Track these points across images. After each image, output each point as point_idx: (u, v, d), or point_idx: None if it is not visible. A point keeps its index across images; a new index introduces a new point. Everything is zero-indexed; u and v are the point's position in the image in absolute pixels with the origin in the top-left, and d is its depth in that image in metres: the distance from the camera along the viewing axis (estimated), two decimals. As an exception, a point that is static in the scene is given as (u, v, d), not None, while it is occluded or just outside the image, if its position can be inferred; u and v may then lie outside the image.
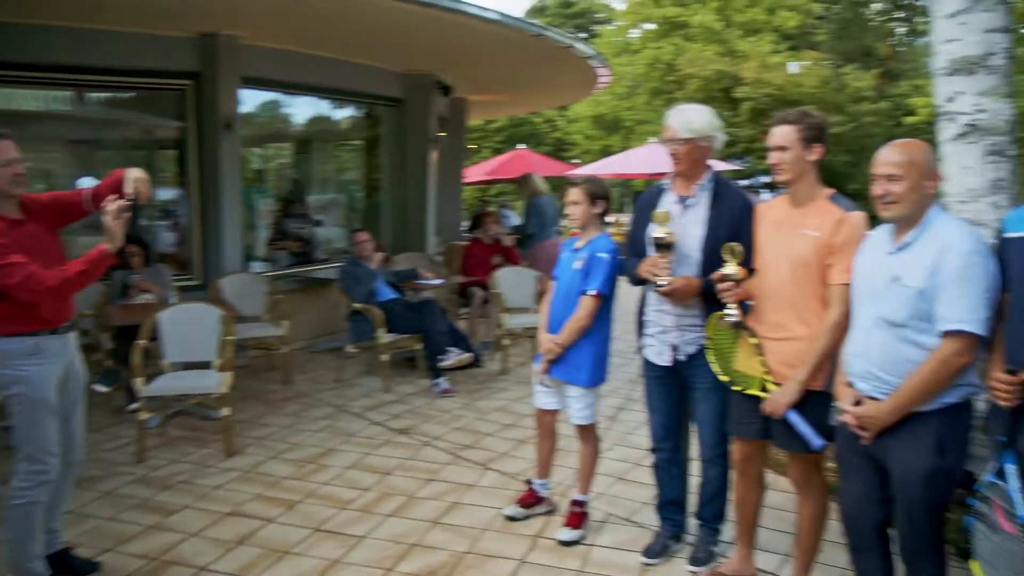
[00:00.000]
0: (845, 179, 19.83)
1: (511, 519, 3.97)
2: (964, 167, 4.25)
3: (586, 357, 3.74)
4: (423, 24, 6.90)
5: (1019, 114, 4.27)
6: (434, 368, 6.38)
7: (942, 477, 2.53)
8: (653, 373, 3.59)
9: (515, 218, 14.65)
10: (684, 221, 3.36)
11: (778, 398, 2.93)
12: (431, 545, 3.71)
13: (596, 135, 33.62)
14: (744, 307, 3.17)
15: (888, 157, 2.57)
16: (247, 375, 6.75)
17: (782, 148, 2.99)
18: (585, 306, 3.69)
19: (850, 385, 2.71)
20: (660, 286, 3.29)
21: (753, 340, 3.08)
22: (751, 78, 23.10)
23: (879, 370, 2.59)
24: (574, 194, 3.78)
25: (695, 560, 3.53)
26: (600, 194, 3.80)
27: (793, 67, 24.83)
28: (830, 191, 3.04)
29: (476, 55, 8.55)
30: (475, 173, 18.01)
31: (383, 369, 6.44)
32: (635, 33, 32.84)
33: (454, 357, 6.33)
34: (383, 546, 3.70)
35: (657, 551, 3.62)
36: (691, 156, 3.33)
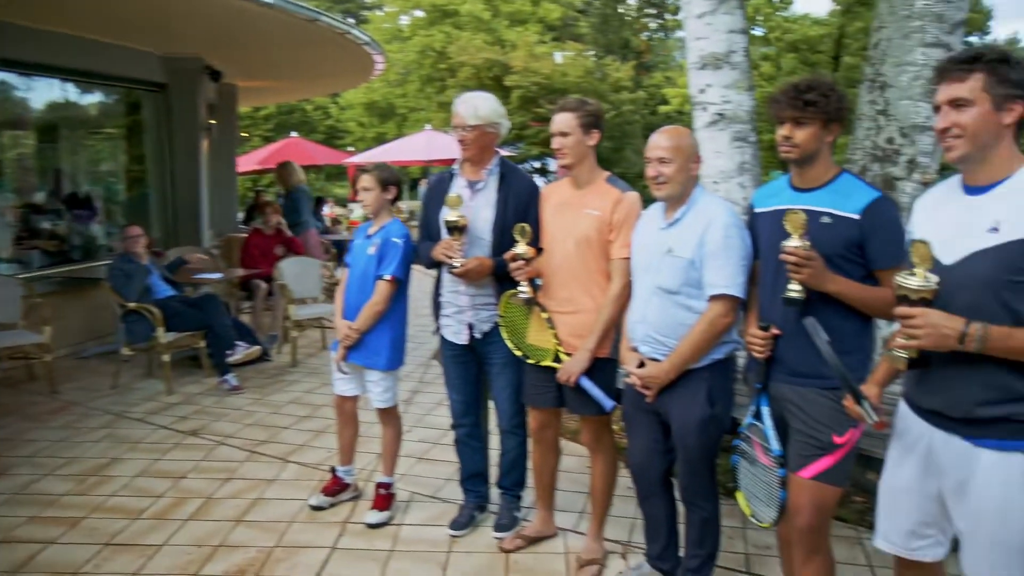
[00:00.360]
0: (609, 163, 21.14)
1: (317, 508, 3.96)
2: (716, 151, 4.76)
3: (384, 341, 3.80)
4: (188, 5, 6.54)
5: (758, 105, 4.84)
6: (221, 365, 6.14)
7: (713, 424, 2.87)
8: (451, 352, 3.71)
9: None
10: (474, 204, 3.51)
11: (571, 367, 3.16)
12: (237, 544, 3.62)
13: (370, 122, 33.34)
14: (534, 284, 3.38)
15: (659, 142, 2.86)
16: (3, 388, 6.13)
17: (563, 134, 3.21)
18: (381, 291, 3.75)
19: (634, 350, 2.99)
20: (454, 268, 3.42)
21: (544, 315, 3.29)
22: (520, 67, 23.88)
23: (658, 334, 2.88)
24: (366, 181, 3.81)
25: (500, 527, 3.72)
26: (391, 180, 3.86)
27: (559, 57, 26.03)
28: (607, 173, 3.32)
29: (247, 39, 8.23)
30: (246, 162, 17.30)
31: (164, 370, 6.09)
32: (405, 20, 32.89)
33: (242, 351, 6.13)
34: (185, 551, 3.55)
35: (464, 523, 3.77)
36: (479, 142, 3.48)
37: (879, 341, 2.99)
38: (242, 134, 20.03)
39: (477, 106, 3.46)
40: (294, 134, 20.20)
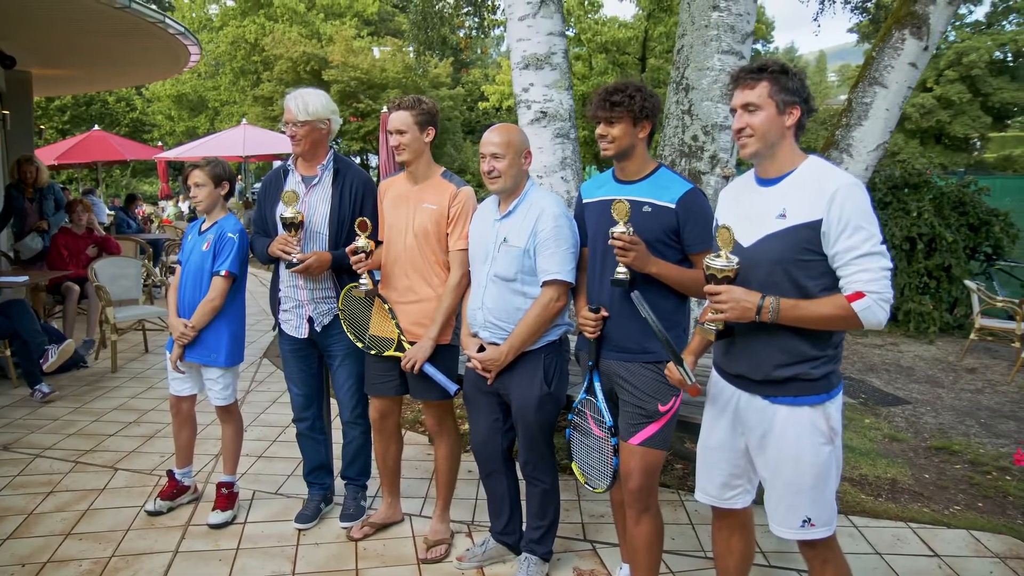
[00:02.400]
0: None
1: (155, 514, 3.84)
2: (539, 147, 5.01)
3: (223, 337, 3.75)
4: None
5: (577, 103, 5.14)
6: (31, 374, 5.73)
7: (551, 401, 3.09)
8: (291, 346, 3.72)
9: (103, 206, 13.40)
10: (309, 200, 3.54)
11: (415, 354, 3.27)
12: (68, 558, 3.44)
13: (179, 116, 31.64)
14: (373, 276, 3.46)
15: (492, 138, 3.03)
16: None
17: (400, 132, 3.31)
18: (217, 286, 3.69)
19: (474, 335, 3.15)
20: (293, 264, 3.44)
21: (386, 306, 3.38)
22: (338, 61, 23.49)
23: (496, 319, 3.06)
24: (198, 176, 3.73)
25: (346, 516, 3.77)
26: (224, 175, 3.80)
27: (377, 53, 25.82)
28: (442, 168, 3.45)
29: (46, 24, 7.65)
30: (44, 156, 15.98)
31: (-36, 383, 5.62)
32: (215, 9, 31.46)
33: (55, 354, 5.74)
34: (7, 572, 3.34)
35: (310, 516, 3.79)
36: (310, 137, 3.51)
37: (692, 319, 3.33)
38: (41, 126, 18.47)
39: (308, 102, 3.49)
40: (97, 127, 18.89)
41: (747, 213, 2.42)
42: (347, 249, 3.36)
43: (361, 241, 3.31)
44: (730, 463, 2.57)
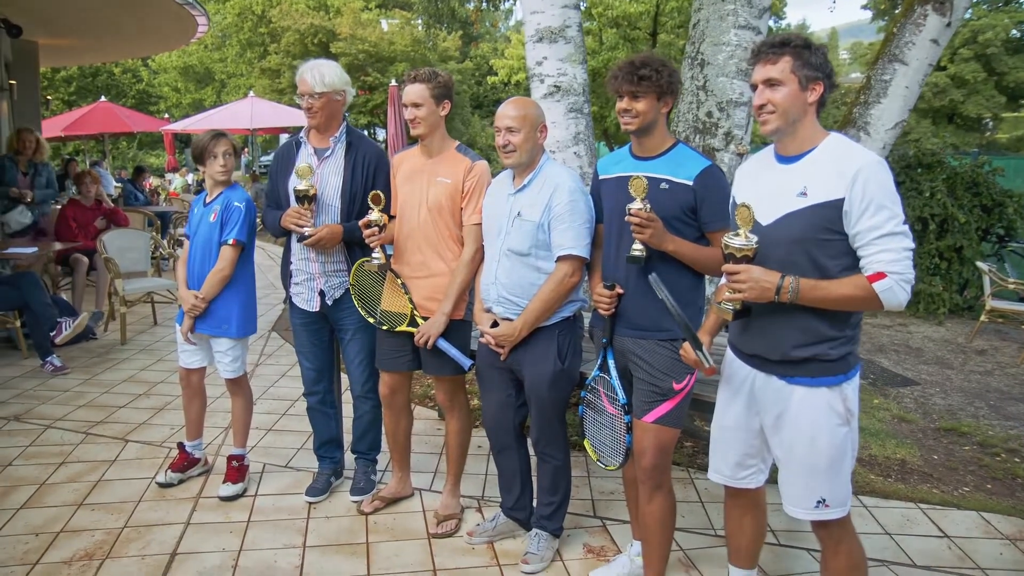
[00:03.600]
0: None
1: (166, 486, 3.86)
2: (552, 122, 4.95)
3: (233, 308, 3.74)
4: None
5: (592, 77, 5.08)
6: (42, 346, 5.75)
7: (564, 378, 3.07)
8: (302, 320, 3.71)
9: (110, 177, 13.38)
10: (322, 172, 3.52)
11: (428, 329, 3.26)
12: (81, 528, 3.46)
13: (186, 88, 31.53)
14: (385, 250, 3.44)
15: (508, 111, 2.99)
16: None
17: (416, 104, 3.27)
18: (225, 256, 3.68)
19: (487, 310, 3.14)
20: (305, 237, 3.42)
21: (398, 280, 3.36)
22: (346, 34, 23.36)
23: (509, 294, 3.04)
24: (227, 146, 3.72)
25: (357, 490, 3.78)
26: (239, 149, 3.78)
27: (385, 25, 25.65)
28: (456, 142, 3.42)
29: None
30: (51, 128, 15.97)
31: (-26, 354, 5.64)
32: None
33: (69, 328, 5.75)
34: (21, 541, 3.36)
35: (320, 489, 3.81)
36: (327, 110, 3.48)
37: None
38: (49, 96, 18.43)
39: (324, 73, 3.46)
40: (103, 98, 18.82)
41: (766, 191, 2.37)
42: (360, 223, 3.34)
43: (374, 215, 3.29)
44: (744, 443, 2.56)
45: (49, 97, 20.59)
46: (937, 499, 3.93)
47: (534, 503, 3.37)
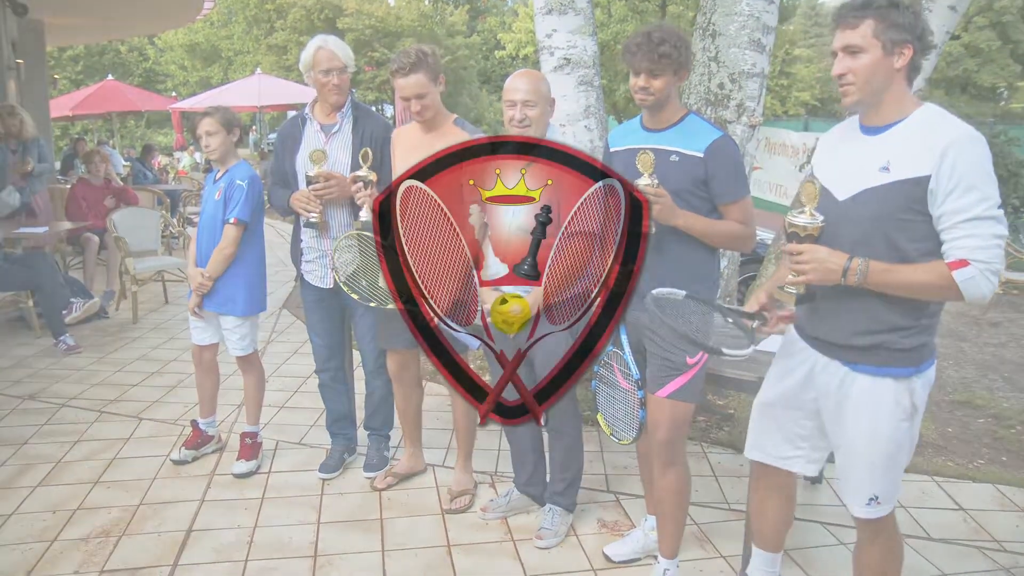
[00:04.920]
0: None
1: (180, 463, 3.88)
2: (562, 95, 4.89)
3: (239, 286, 3.73)
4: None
5: (601, 50, 5.01)
6: (55, 325, 5.77)
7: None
8: (314, 297, 3.70)
9: (119, 156, 13.36)
10: (330, 148, 3.48)
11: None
12: (97, 505, 3.49)
13: (192, 66, 31.41)
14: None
15: (521, 85, 2.95)
16: None
17: (420, 96, 3.19)
18: (228, 235, 3.67)
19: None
20: (312, 220, 3.40)
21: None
22: (353, 9, 23.21)
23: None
24: (209, 125, 3.66)
25: (370, 466, 3.79)
26: (235, 122, 3.75)
27: (391, 0, 25.46)
28: (453, 116, 3.38)
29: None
30: (59, 107, 15.96)
31: (-12, 333, 5.66)
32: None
33: (80, 308, 5.78)
34: (39, 518, 3.38)
35: (334, 466, 3.82)
36: (344, 85, 3.46)
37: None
38: (56, 75, 18.41)
39: (342, 47, 3.48)
40: (111, 77, 18.78)
41: (845, 164, 2.20)
42: (348, 177, 3.30)
43: (362, 171, 3.23)
44: (795, 422, 2.43)
45: (56, 76, 20.53)
46: (952, 472, 3.91)
47: (547, 478, 3.37)
